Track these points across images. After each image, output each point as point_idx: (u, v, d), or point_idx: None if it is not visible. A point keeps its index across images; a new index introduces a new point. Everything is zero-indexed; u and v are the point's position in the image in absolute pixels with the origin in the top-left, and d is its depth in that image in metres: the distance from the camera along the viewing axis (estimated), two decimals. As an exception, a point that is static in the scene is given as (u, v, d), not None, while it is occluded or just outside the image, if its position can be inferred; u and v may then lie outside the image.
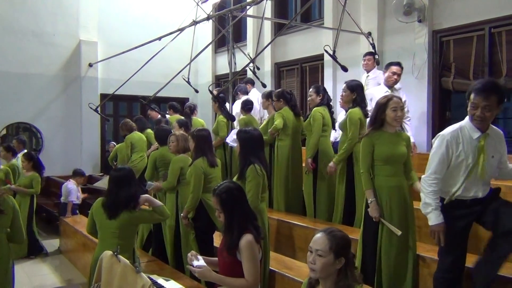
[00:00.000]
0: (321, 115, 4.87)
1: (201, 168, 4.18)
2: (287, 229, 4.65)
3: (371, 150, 3.42)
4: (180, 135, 4.78)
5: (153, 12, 10.43)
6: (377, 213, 3.35)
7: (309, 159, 4.85)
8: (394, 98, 3.42)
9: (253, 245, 2.70)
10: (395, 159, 3.41)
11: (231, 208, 2.80)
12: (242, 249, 2.69)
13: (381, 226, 3.38)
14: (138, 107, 10.88)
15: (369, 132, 3.46)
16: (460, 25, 5.85)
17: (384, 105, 3.39)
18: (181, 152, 4.68)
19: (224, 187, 2.86)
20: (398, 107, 3.37)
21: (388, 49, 6.68)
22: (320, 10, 8.22)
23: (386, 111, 3.37)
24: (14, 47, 9.05)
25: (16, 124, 9.46)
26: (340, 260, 2.12)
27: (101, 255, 3.39)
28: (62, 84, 9.62)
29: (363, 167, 3.47)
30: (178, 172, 4.54)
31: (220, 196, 2.81)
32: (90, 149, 9.74)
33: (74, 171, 7.49)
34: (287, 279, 3.72)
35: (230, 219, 2.79)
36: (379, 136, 3.42)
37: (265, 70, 8.84)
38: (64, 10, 9.57)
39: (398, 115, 3.37)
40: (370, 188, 3.42)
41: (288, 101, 5.29)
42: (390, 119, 3.38)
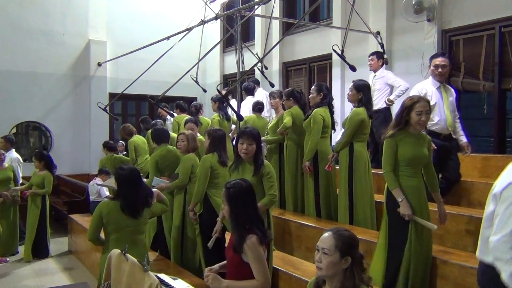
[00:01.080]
0: (321, 117, 4.77)
1: (209, 162, 4.22)
2: (295, 229, 4.64)
3: (395, 150, 3.36)
4: (189, 134, 4.80)
5: (161, 11, 10.48)
6: (410, 211, 3.25)
7: (306, 162, 4.81)
8: (420, 101, 3.30)
9: (257, 246, 2.69)
10: (417, 160, 3.36)
11: (236, 204, 2.80)
12: (247, 251, 2.69)
13: (412, 225, 3.28)
14: (147, 106, 10.94)
15: (394, 133, 3.37)
16: (470, 24, 5.81)
17: (410, 107, 3.31)
18: (191, 151, 4.72)
19: (235, 183, 2.88)
20: (423, 111, 3.26)
21: (397, 49, 6.65)
22: (329, 9, 8.21)
23: (410, 114, 3.29)
24: (23, 47, 9.14)
25: (25, 123, 9.55)
26: (346, 259, 2.12)
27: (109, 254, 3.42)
28: (71, 84, 9.70)
29: (387, 166, 3.40)
30: (190, 170, 4.60)
31: (228, 189, 2.83)
32: (98, 148, 9.73)
33: (99, 170, 7.52)
34: (295, 279, 3.72)
35: (233, 216, 2.79)
36: (403, 136, 3.36)
37: (273, 70, 8.84)
38: (73, 10, 9.65)
39: (422, 119, 3.27)
40: (397, 187, 3.33)
41: (298, 100, 5.27)
42: (414, 122, 3.30)
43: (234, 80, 9.86)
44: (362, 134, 4.53)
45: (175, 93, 7.84)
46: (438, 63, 4.49)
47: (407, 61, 6.48)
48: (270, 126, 5.55)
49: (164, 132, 5.36)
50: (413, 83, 6.28)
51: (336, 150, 4.64)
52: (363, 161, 4.51)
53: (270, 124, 5.61)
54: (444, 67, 4.47)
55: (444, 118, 4.43)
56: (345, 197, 4.52)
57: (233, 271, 2.81)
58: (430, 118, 3.58)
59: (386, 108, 5.77)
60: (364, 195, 4.46)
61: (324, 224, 4.47)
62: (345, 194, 4.53)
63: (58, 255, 6.79)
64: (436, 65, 4.49)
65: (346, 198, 4.51)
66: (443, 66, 4.47)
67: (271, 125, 5.56)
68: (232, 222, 2.81)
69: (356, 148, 4.49)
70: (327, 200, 4.86)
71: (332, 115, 4.97)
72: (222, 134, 4.44)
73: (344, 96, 7.17)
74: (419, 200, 3.34)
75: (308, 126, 4.86)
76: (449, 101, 4.48)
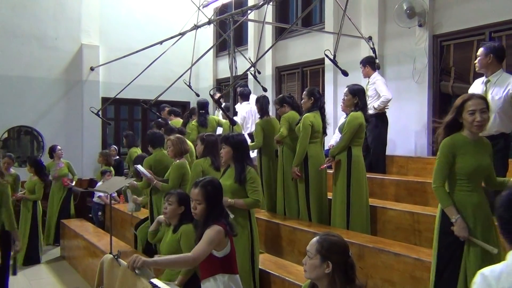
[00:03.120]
0: (310, 123, 4.75)
1: (200, 166, 4.34)
2: (288, 233, 4.65)
3: (450, 161, 2.84)
4: (175, 139, 4.81)
5: (154, 16, 10.47)
6: (466, 232, 2.77)
7: (295, 168, 4.81)
8: (473, 98, 2.80)
9: (213, 231, 2.76)
10: (480, 173, 2.87)
11: (213, 201, 2.88)
12: (205, 233, 2.76)
13: (468, 248, 2.81)
14: (140, 110, 10.91)
15: (450, 141, 2.85)
16: (460, 30, 5.87)
17: (460, 107, 2.82)
18: (178, 155, 4.73)
19: (209, 181, 2.96)
20: (477, 110, 2.75)
21: (388, 54, 6.71)
22: (321, 14, 8.25)
23: (462, 114, 2.80)
24: (15, 51, 9.08)
25: (17, 128, 9.48)
26: (327, 264, 2.14)
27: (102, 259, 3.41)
28: (63, 88, 9.65)
29: (438, 180, 2.87)
30: (180, 179, 4.62)
31: (205, 188, 2.88)
32: (91, 153, 9.74)
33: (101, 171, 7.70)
34: (287, 283, 3.73)
35: (208, 212, 2.86)
36: (461, 144, 2.83)
37: (266, 74, 8.86)
38: (66, 14, 9.61)
39: (477, 119, 2.75)
40: (450, 205, 2.83)
41: (291, 104, 5.27)
42: (468, 124, 2.79)
43: (227, 85, 9.88)
44: (359, 138, 4.55)
45: (168, 98, 7.85)
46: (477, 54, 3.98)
47: (398, 66, 6.53)
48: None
49: (159, 136, 5.37)
50: (404, 88, 6.39)
51: (333, 154, 4.61)
52: (361, 165, 4.53)
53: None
54: (478, 57, 3.98)
55: None
56: (342, 201, 4.50)
57: (205, 266, 2.88)
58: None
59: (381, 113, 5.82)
60: (361, 199, 4.47)
61: (318, 228, 4.48)
62: (342, 198, 4.50)
63: (50, 260, 6.75)
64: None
65: (344, 203, 4.49)
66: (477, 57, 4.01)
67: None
68: (205, 217, 2.87)
69: (354, 153, 4.50)
70: (318, 205, 4.85)
71: (323, 119, 4.95)
72: (215, 140, 4.48)
73: (337, 100, 7.22)
74: (481, 219, 2.82)
75: (299, 131, 4.87)
76: None
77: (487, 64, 3.90)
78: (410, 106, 6.32)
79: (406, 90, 6.38)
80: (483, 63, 3.91)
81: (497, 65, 3.89)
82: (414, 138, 6.29)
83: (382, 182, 5.32)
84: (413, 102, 6.30)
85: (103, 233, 6.27)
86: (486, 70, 3.94)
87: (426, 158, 5.81)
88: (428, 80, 6.14)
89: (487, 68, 3.93)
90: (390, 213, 4.47)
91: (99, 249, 5.39)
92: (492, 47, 3.92)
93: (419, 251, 3.60)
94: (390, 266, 3.57)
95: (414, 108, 6.29)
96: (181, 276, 3.51)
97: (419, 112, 6.23)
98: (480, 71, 4.05)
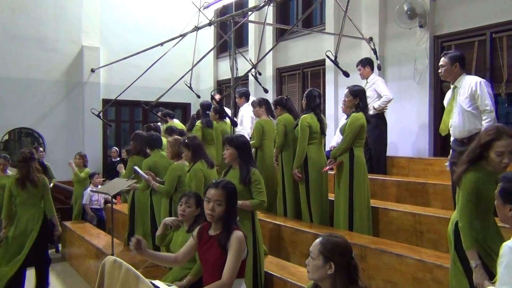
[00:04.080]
0: (307, 124, 4.76)
1: (200, 171, 4.28)
2: (290, 234, 4.65)
3: (475, 194, 2.60)
4: (171, 140, 4.83)
5: (155, 18, 10.48)
6: (485, 279, 2.57)
7: (295, 170, 4.81)
8: (502, 138, 2.56)
9: (242, 242, 2.73)
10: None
11: (233, 203, 2.85)
12: (232, 244, 2.70)
13: None
14: (140, 112, 10.91)
15: (475, 175, 2.62)
16: (461, 30, 5.87)
17: (487, 145, 2.60)
18: (176, 156, 4.73)
19: (229, 182, 2.93)
20: (505, 152, 2.55)
21: (389, 54, 6.70)
22: (322, 15, 8.26)
23: (489, 152, 2.59)
24: (16, 53, 9.09)
25: (18, 130, 9.48)
26: (330, 265, 2.13)
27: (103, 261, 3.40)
28: (64, 90, 9.66)
29: (464, 218, 2.62)
30: (176, 181, 4.59)
31: (227, 189, 2.82)
32: (92, 155, 9.68)
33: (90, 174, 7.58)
34: (290, 285, 3.71)
35: (227, 213, 2.81)
36: (487, 178, 2.60)
37: (266, 75, 8.86)
38: (67, 16, 9.62)
39: (504, 161, 2.56)
40: (473, 249, 2.62)
41: (285, 106, 5.30)
42: (493, 163, 2.60)
43: (227, 86, 9.88)
44: (361, 139, 4.55)
45: (169, 99, 7.84)
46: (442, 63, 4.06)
47: (399, 66, 6.53)
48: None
49: (156, 137, 5.37)
50: (405, 89, 6.38)
51: (334, 155, 4.60)
52: (363, 167, 4.53)
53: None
54: (443, 66, 4.08)
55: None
56: (345, 203, 4.49)
57: (217, 270, 2.74)
58: None
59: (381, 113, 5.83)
60: (363, 200, 4.46)
61: (320, 229, 4.47)
62: (345, 199, 4.49)
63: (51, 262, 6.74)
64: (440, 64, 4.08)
65: (346, 204, 4.48)
66: (442, 66, 4.07)
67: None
68: (223, 219, 2.81)
69: (356, 154, 4.49)
70: (319, 205, 4.85)
71: (319, 120, 4.92)
72: (199, 142, 4.56)
73: (338, 101, 7.22)
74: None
75: (297, 133, 4.88)
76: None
77: (454, 72, 4.05)
78: (411, 107, 6.32)
79: (407, 91, 6.38)
80: (450, 71, 4.05)
81: (461, 71, 4.07)
82: (415, 139, 6.29)
83: (384, 183, 5.31)
84: (414, 103, 6.30)
85: (104, 234, 6.26)
86: (453, 77, 4.08)
87: (427, 159, 5.80)
88: (429, 81, 6.13)
89: (454, 76, 4.07)
90: (392, 214, 4.46)
91: (100, 250, 5.38)
92: (457, 56, 4.09)
93: (421, 252, 3.60)
94: (392, 267, 3.56)
95: (415, 109, 6.29)
96: (190, 277, 3.50)
97: (420, 113, 6.22)
98: (446, 79, 4.21)
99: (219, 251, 2.76)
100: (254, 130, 5.60)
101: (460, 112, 3.97)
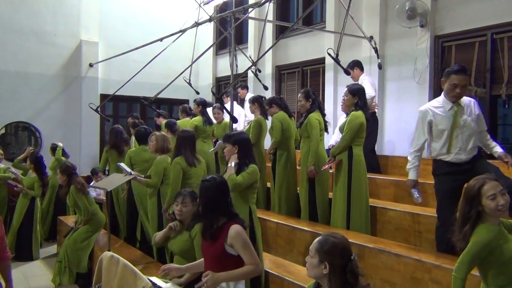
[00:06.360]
0: (317, 121, 4.88)
1: (179, 164, 4.46)
2: (287, 232, 4.63)
3: (483, 255, 2.40)
4: (159, 135, 5.02)
5: (154, 13, 10.42)
6: None
7: (312, 167, 4.82)
8: (487, 182, 2.46)
9: (241, 233, 2.81)
10: None
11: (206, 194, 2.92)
12: (233, 241, 2.78)
13: None
14: (138, 107, 10.86)
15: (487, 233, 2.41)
16: (462, 31, 5.85)
17: (476, 195, 2.46)
18: (159, 151, 4.89)
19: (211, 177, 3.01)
20: (497, 193, 2.42)
21: (389, 54, 6.68)
22: (322, 13, 8.23)
23: (482, 202, 2.44)
24: (14, 46, 9.02)
25: (15, 124, 9.42)
26: (324, 264, 2.12)
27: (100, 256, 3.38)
28: (62, 84, 9.59)
29: (461, 272, 2.42)
30: (162, 173, 4.75)
31: (203, 182, 2.96)
32: (89, 150, 9.71)
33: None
34: (287, 283, 3.71)
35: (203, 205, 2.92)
36: (498, 236, 2.42)
37: (266, 73, 8.83)
38: (65, 10, 9.55)
39: (500, 203, 2.41)
40: None
41: (280, 105, 5.43)
42: (491, 211, 2.42)
43: (226, 83, 9.84)
44: (360, 138, 4.55)
45: (167, 95, 7.81)
46: (457, 82, 3.53)
47: (399, 66, 6.51)
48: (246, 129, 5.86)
49: (145, 134, 5.55)
50: (405, 89, 6.37)
51: (334, 154, 4.61)
52: (362, 165, 4.53)
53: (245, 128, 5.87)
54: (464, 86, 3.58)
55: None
56: (343, 201, 4.49)
57: (216, 264, 2.84)
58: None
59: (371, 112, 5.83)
60: (361, 199, 4.46)
61: (317, 228, 4.47)
62: (343, 198, 4.49)
63: (47, 257, 6.71)
64: (454, 84, 3.54)
65: (344, 203, 4.48)
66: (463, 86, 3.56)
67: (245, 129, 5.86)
68: (202, 211, 2.91)
69: (355, 152, 4.49)
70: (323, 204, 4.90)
71: (324, 118, 5.06)
72: (187, 136, 4.62)
73: (337, 100, 7.20)
74: None
75: (305, 131, 4.92)
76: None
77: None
78: (411, 107, 6.29)
79: (406, 91, 6.36)
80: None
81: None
82: (414, 139, 6.27)
83: (382, 182, 5.31)
84: (413, 103, 6.26)
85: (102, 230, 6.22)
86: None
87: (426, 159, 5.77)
88: (429, 81, 6.12)
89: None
90: (390, 214, 4.46)
91: (97, 246, 5.36)
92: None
93: (420, 252, 3.60)
94: (390, 267, 3.56)
95: (414, 109, 6.20)
96: (189, 274, 3.49)
97: (420, 113, 6.21)
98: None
99: (209, 244, 2.86)
100: (252, 127, 5.65)
101: None
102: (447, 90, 3.58)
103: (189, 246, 3.53)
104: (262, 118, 5.72)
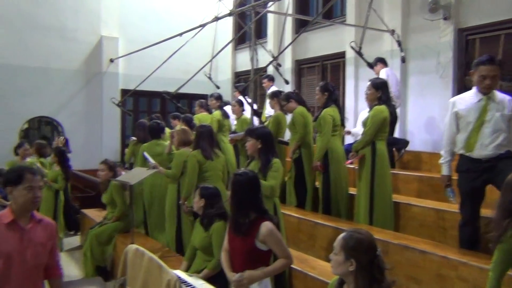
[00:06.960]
0: (331, 117, 4.81)
1: (195, 157, 4.52)
2: (309, 228, 4.62)
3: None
4: (179, 130, 5.12)
5: (174, 8, 10.46)
6: None
7: (317, 162, 4.81)
8: None
9: (274, 230, 2.85)
10: None
11: (238, 190, 2.91)
12: (266, 238, 2.80)
13: None
14: (158, 102, 10.95)
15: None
16: (487, 23, 5.73)
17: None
18: (182, 144, 4.97)
19: (243, 171, 3.03)
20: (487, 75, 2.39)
21: (412, 47, 6.58)
22: (342, 7, 8.14)
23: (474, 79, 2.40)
24: (36, 42, 9.16)
25: (37, 118, 9.59)
26: (351, 261, 2.09)
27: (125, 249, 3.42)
28: (83, 79, 9.73)
29: (495, 272, 2.36)
30: (182, 165, 4.80)
31: (235, 176, 2.95)
32: (110, 144, 9.82)
33: None
34: (310, 278, 3.70)
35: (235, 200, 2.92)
36: None
37: (285, 67, 8.79)
38: (86, 6, 9.66)
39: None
40: None
41: (297, 99, 5.34)
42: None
43: (245, 77, 9.83)
44: (383, 132, 4.49)
45: (187, 90, 7.84)
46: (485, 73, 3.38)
47: (422, 60, 6.41)
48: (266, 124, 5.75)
49: (158, 128, 5.66)
50: (428, 83, 6.27)
51: (356, 149, 4.57)
52: (386, 160, 4.48)
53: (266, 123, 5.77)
54: (493, 77, 3.41)
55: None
56: (366, 196, 4.44)
57: (245, 258, 2.85)
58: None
59: None
60: (385, 194, 4.42)
61: (339, 223, 4.44)
62: (366, 193, 4.45)
63: (70, 249, 6.82)
64: (483, 75, 3.38)
65: (367, 198, 4.43)
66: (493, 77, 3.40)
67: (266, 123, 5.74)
68: (233, 206, 2.91)
69: (378, 147, 4.44)
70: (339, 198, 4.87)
71: (340, 112, 5.01)
72: (205, 131, 4.68)
73: (358, 94, 7.14)
74: None
75: (319, 126, 4.87)
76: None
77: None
78: (434, 101, 6.21)
79: (429, 85, 6.27)
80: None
81: None
82: (437, 134, 6.17)
83: (405, 178, 5.24)
84: (436, 97, 6.18)
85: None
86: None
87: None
88: (453, 75, 6.01)
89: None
90: (414, 210, 4.40)
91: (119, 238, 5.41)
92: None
93: (446, 249, 3.54)
94: (415, 263, 3.51)
95: (437, 103, 6.17)
96: (208, 270, 3.50)
97: (443, 107, 6.08)
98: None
99: (241, 238, 2.86)
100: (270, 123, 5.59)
101: None
102: (477, 82, 3.45)
103: (208, 243, 3.58)
104: (281, 113, 5.62)
